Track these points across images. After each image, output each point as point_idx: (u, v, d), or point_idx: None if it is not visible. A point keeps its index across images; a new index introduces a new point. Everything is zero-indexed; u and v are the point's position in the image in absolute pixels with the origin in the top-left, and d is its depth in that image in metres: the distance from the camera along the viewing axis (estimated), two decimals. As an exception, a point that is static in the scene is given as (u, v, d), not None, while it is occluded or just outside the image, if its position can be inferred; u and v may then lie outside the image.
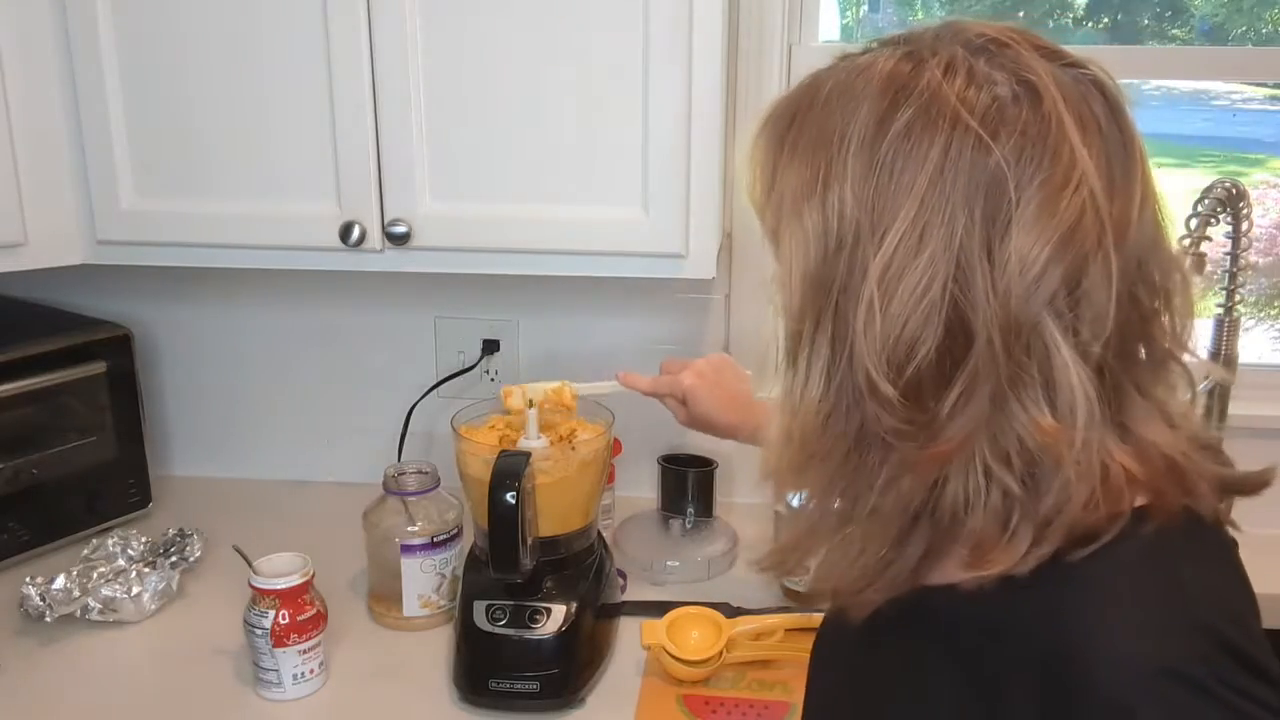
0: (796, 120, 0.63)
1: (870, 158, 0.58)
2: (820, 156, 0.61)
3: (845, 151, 0.59)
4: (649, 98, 1.19)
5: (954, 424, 0.58)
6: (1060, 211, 0.56)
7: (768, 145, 0.65)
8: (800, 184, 0.61)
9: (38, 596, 1.25)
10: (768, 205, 0.66)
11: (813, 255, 0.61)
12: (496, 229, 1.25)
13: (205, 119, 1.26)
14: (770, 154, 0.65)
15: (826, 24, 1.51)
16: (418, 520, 1.27)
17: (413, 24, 1.19)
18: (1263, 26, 1.58)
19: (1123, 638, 0.57)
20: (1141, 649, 0.56)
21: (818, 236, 0.60)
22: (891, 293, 0.57)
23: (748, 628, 1.22)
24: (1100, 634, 0.57)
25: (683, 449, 1.55)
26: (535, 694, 1.13)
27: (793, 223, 0.62)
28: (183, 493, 1.64)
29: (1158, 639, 0.57)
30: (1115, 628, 0.57)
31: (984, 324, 0.56)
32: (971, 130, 0.57)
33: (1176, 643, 0.56)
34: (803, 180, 0.61)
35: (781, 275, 0.64)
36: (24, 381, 1.39)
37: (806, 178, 0.61)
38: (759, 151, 0.66)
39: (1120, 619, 0.58)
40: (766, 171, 0.65)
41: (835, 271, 0.60)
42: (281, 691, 1.15)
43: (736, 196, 1.50)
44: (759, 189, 0.66)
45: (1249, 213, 1.39)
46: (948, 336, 0.57)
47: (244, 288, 1.63)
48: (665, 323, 1.58)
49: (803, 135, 0.62)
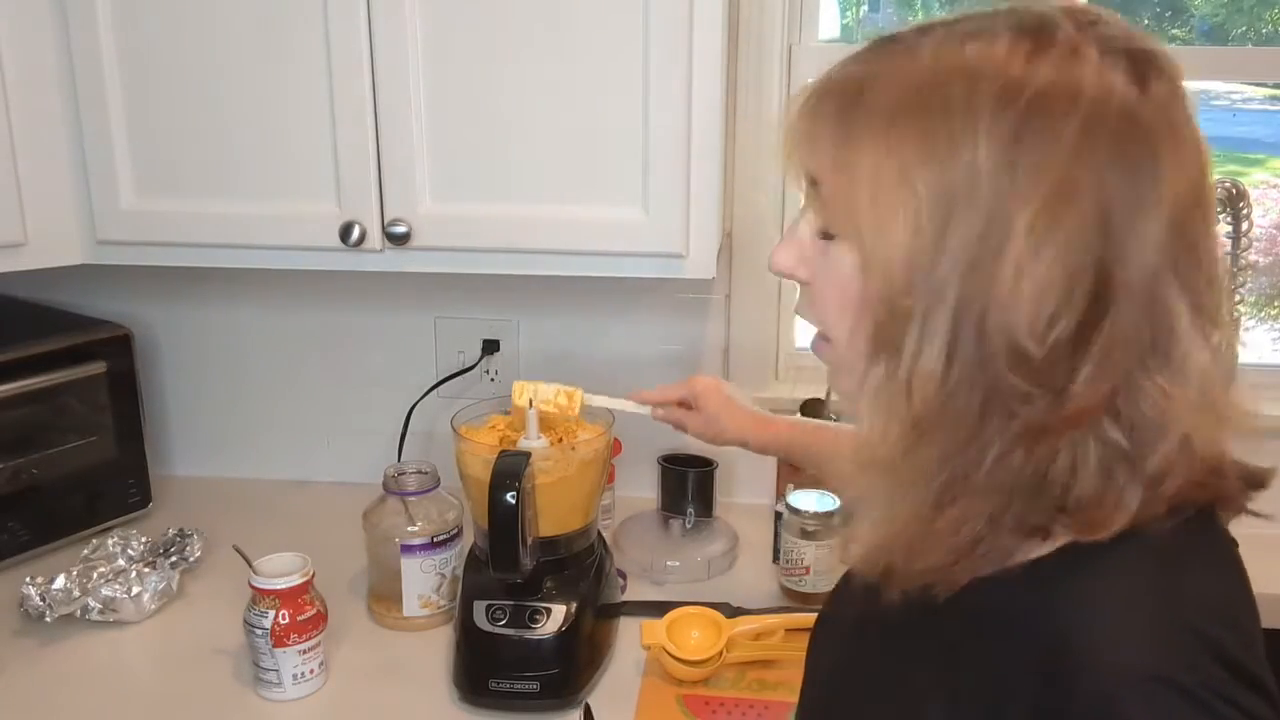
0: (883, 87, 0.61)
1: (1009, 126, 0.57)
2: (939, 124, 0.58)
3: (974, 119, 0.57)
4: (649, 98, 1.19)
5: (1087, 391, 0.57)
6: (1180, 181, 0.57)
7: (838, 108, 0.62)
8: (913, 152, 0.58)
9: (38, 596, 1.25)
10: (839, 180, 0.62)
11: (929, 226, 0.58)
12: (496, 229, 1.25)
13: (205, 119, 1.26)
14: (844, 126, 0.61)
15: (826, 24, 1.51)
16: (418, 520, 1.27)
17: (413, 24, 1.19)
18: (1263, 26, 1.58)
19: (1117, 641, 0.57)
20: (1134, 653, 0.56)
21: (940, 204, 0.58)
22: (1040, 257, 0.56)
23: (748, 628, 1.22)
24: (1096, 634, 0.57)
25: (683, 449, 1.55)
26: (535, 694, 1.13)
27: (899, 193, 0.59)
28: (183, 493, 1.65)
29: (1151, 644, 0.57)
30: (1110, 630, 0.57)
31: (1124, 290, 0.57)
32: (1113, 101, 0.57)
33: (1169, 649, 0.56)
34: (915, 149, 0.58)
35: (874, 252, 0.60)
36: (24, 381, 1.39)
37: (919, 147, 0.58)
38: (825, 125, 0.62)
39: (1117, 621, 0.58)
40: (839, 145, 0.61)
41: (962, 240, 0.57)
42: (281, 691, 1.15)
43: (736, 196, 1.50)
44: (827, 163, 0.63)
45: (1249, 213, 1.39)
46: (1091, 302, 0.57)
47: (244, 288, 1.63)
48: (665, 323, 1.58)
49: (909, 106, 0.60)
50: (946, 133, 0.57)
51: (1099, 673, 0.56)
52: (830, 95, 0.63)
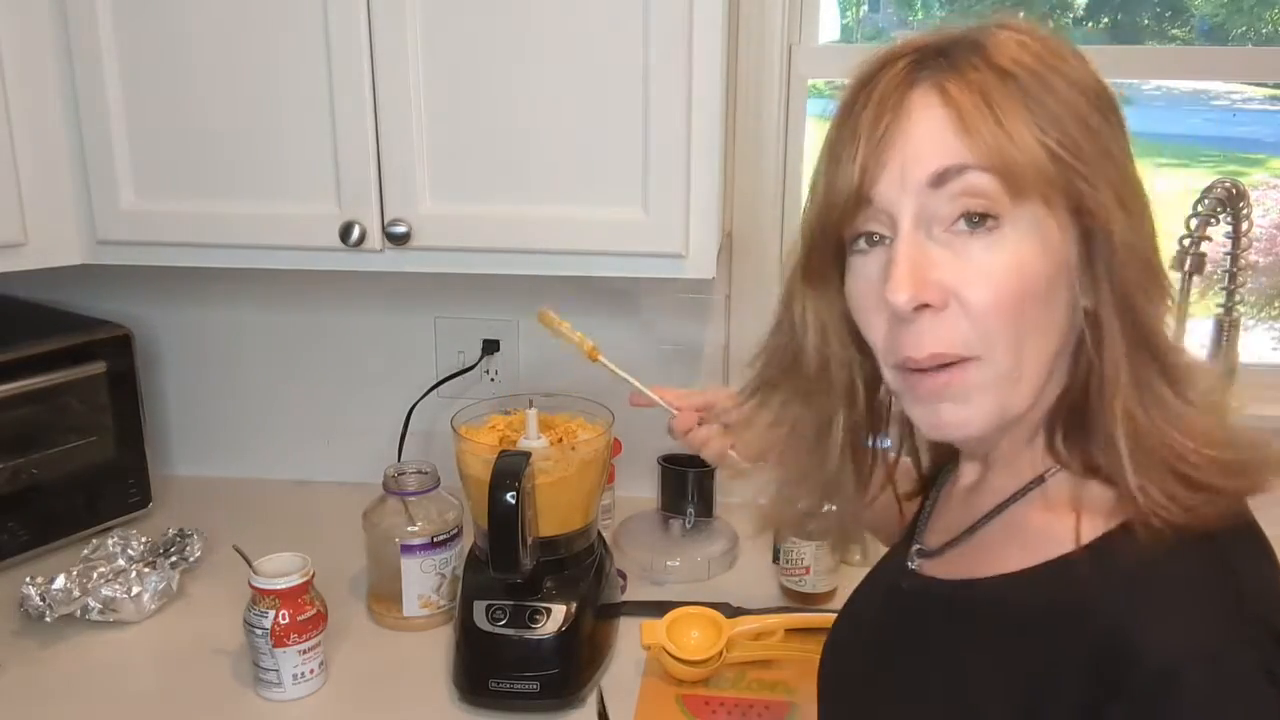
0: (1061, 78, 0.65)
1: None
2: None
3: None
4: (649, 98, 1.19)
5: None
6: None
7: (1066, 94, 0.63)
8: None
9: (38, 596, 1.25)
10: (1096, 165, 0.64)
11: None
12: (496, 229, 1.25)
13: (205, 119, 1.26)
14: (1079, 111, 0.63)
15: (826, 24, 1.51)
16: (418, 520, 1.27)
17: (413, 24, 1.19)
18: (1263, 26, 1.58)
19: (1175, 622, 0.57)
20: (1193, 631, 0.57)
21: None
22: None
23: (748, 628, 1.22)
24: (1153, 619, 0.58)
25: (683, 449, 1.55)
26: (535, 694, 1.13)
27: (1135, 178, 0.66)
28: (183, 493, 1.65)
29: (1211, 624, 0.57)
30: (1168, 613, 0.58)
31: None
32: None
33: (1229, 629, 0.57)
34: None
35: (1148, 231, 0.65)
36: (24, 381, 1.39)
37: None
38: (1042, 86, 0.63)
39: (1173, 607, 0.58)
40: (1078, 124, 0.63)
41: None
42: (281, 691, 1.15)
43: (736, 196, 1.50)
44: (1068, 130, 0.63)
45: (1249, 213, 1.39)
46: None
47: (244, 288, 1.63)
48: (665, 323, 1.58)
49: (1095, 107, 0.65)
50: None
51: (1158, 648, 0.56)
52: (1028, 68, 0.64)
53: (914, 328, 0.64)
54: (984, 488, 0.75)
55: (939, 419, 0.66)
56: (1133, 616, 0.58)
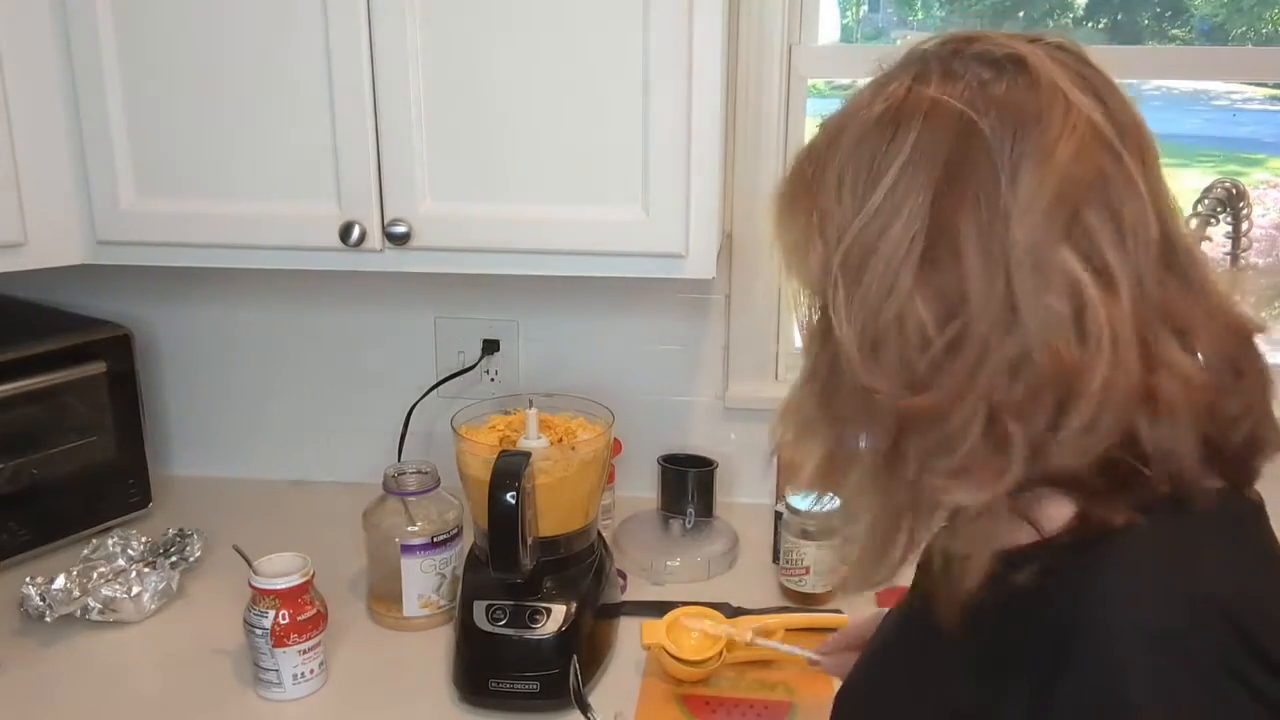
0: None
1: (856, 168, 0.63)
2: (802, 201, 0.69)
3: (840, 178, 0.65)
4: (649, 98, 1.19)
5: (946, 371, 0.60)
6: (1060, 153, 0.59)
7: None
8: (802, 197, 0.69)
9: (38, 596, 1.25)
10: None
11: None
12: (496, 229, 1.25)
13: (205, 119, 1.26)
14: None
15: (826, 24, 1.51)
16: (418, 520, 1.27)
17: (413, 24, 1.19)
18: (1263, 26, 1.58)
19: (1125, 605, 0.58)
20: (1140, 615, 0.57)
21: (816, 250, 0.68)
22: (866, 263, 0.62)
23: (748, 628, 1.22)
24: (1107, 602, 0.58)
25: (683, 449, 1.55)
26: (535, 694, 1.13)
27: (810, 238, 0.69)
28: (183, 493, 1.65)
29: (1159, 608, 0.57)
30: (1121, 596, 0.58)
31: (981, 270, 0.59)
32: (951, 112, 0.60)
33: (1178, 614, 0.57)
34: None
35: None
36: (24, 381, 1.39)
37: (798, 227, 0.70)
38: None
39: (1127, 589, 0.59)
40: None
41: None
42: (281, 691, 1.15)
43: (736, 196, 1.50)
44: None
45: (1249, 213, 1.39)
46: (935, 295, 0.60)
47: (244, 288, 1.63)
48: (665, 323, 1.58)
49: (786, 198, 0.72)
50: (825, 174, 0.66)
51: (1104, 633, 0.56)
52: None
53: None
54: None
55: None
56: (1087, 597, 0.59)
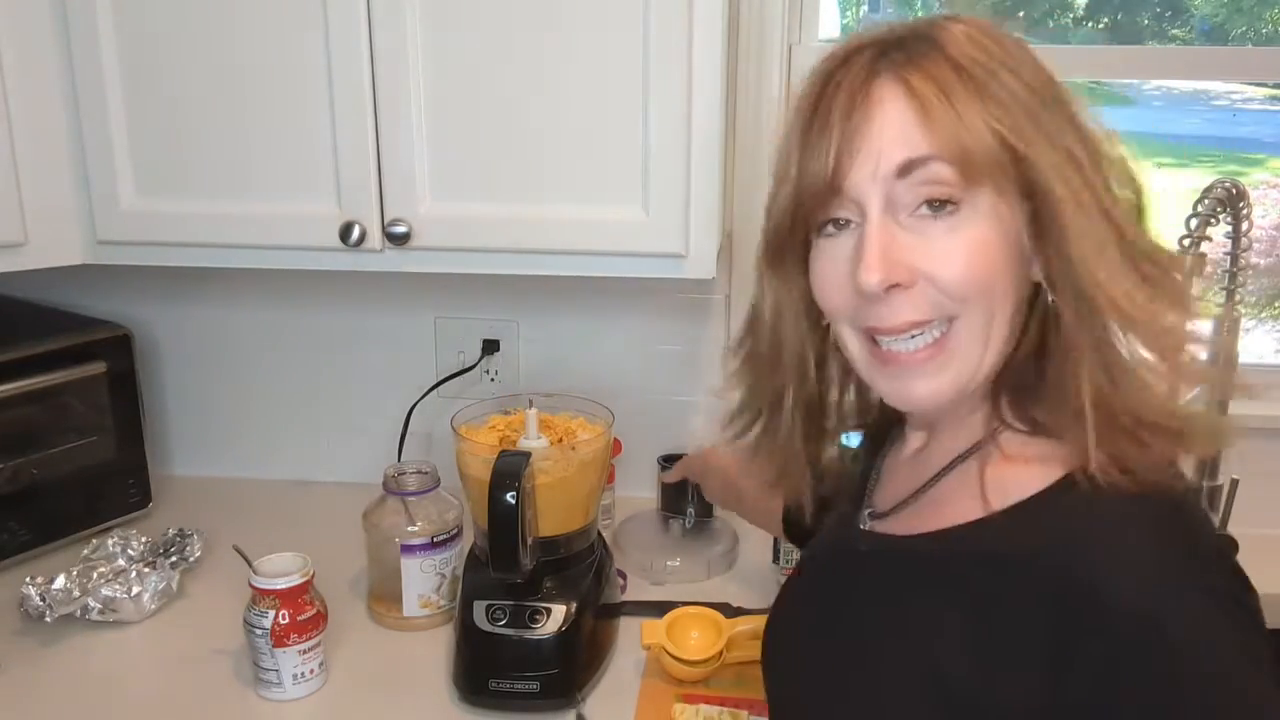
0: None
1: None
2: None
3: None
4: (649, 98, 1.19)
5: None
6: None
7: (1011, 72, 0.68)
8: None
9: (38, 596, 1.25)
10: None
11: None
12: (496, 229, 1.25)
13: (205, 119, 1.26)
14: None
15: (826, 24, 1.51)
16: (418, 520, 1.27)
17: (413, 24, 1.19)
18: (1263, 26, 1.58)
19: (1142, 557, 0.61)
20: (1163, 565, 0.60)
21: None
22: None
23: (748, 628, 1.22)
24: (1118, 556, 0.61)
25: (683, 449, 1.55)
26: (535, 694, 1.13)
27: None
28: (183, 493, 1.65)
29: (1178, 559, 0.61)
30: (1134, 549, 0.61)
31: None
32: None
33: (1197, 563, 0.61)
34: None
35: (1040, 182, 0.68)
36: (24, 381, 1.39)
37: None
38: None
39: (1138, 542, 0.62)
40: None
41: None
42: (281, 691, 1.15)
43: (736, 196, 1.50)
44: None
45: (1249, 213, 1.38)
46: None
47: (244, 288, 1.63)
48: (665, 323, 1.58)
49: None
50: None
51: (1127, 585, 0.59)
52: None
53: (886, 304, 0.68)
54: (931, 451, 0.79)
55: (910, 393, 0.71)
56: (1097, 558, 0.61)
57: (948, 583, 0.69)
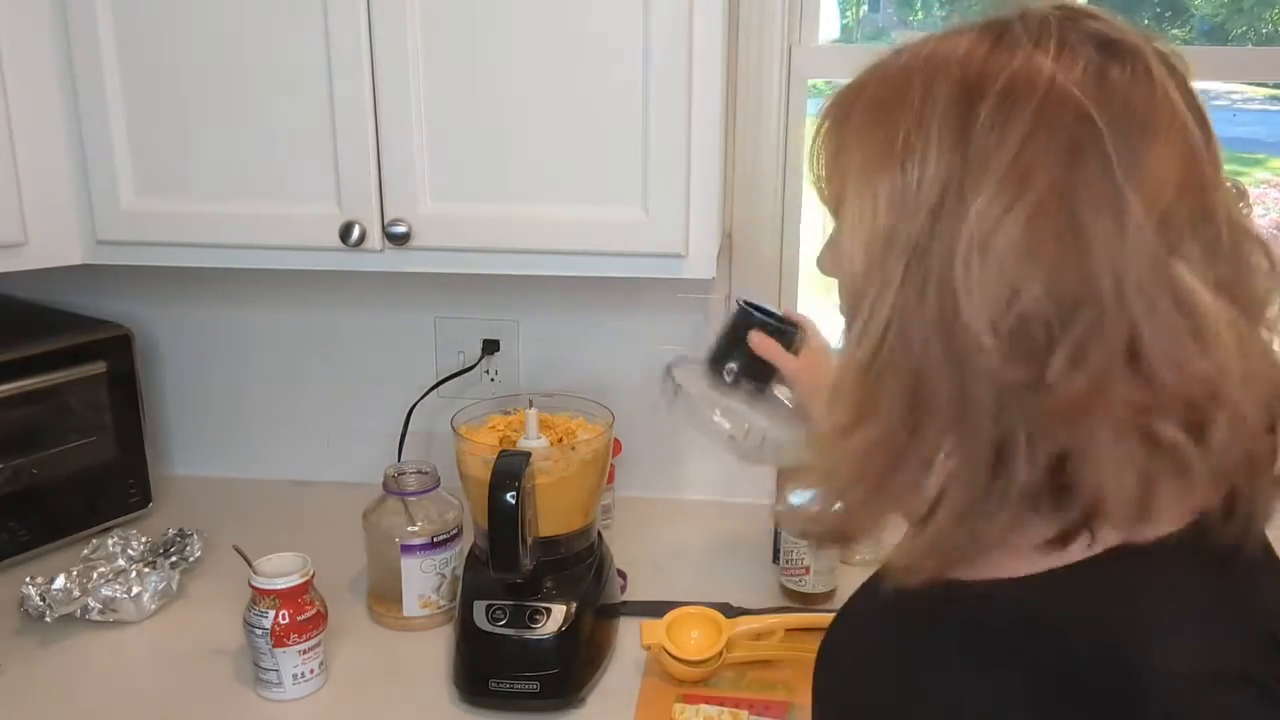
0: (865, 95, 0.64)
1: (960, 124, 0.57)
2: (899, 123, 0.59)
3: (929, 119, 0.58)
4: (649, 98, 1.19)
5: (1064, 383, 0.56)
6: (1169, 156, 0.58)
7: (833, 122, 0.66)
8: (874, 151, 0.61)
9: (38, 596, 1.25)
10: (832, 176, 0.66)
11: (884, 220, 0.60)
12: (496, 229, 1.25)
13: (205, 119, 1.26)
14: (836, 128, 0.66)
15: (826, 24, 1.51)
16: (418, 520, 1.27)
17: (413, 24, 1.19)
18: (1263, 26, 1.58)
19: (1178, 643, 0.56)
20: (1198, 655, 0.55)
21: (894, 198, 0.60)
22: (990, 248, 0.56)
23: (748, 628, 1.22)
24: (1154, 639, 0.56)
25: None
26: (535, 694, 1.13)
27: (864, 191, 0.61)
28: (183, 493, 1.65)
29: (1215, 644, 0.56)
30: (1169, 632, 0.56)
31: (1103, 272, 0.55)
32: (1070, 97, 0.56)
33: (1235, 647, 0.56)
34: (877, 146, 0.61)
35: (842, 243, 0.64)
36: (24, 381, 1.39)
37: (881, 144, 0.60)
38: (824, 126, 0.67)
39: (1174, 623, 0.57)
40: (831, 144, 0.66)
41: (912, 234, 0.59)
42: (281, 691, 1.15)
43: (736, 196, 1.50)
44: (822, 160, 0.67)
45: (1249, 213, 1.38)
46: (1052, 286, 0.56)
47: (244, 288, 1.63)
48: (665, 323, 1.58)
49: (875, 107, 0.62)
50: (906, 135, 0.59)
51: (1163, 679, 0.55)
52: (837, 99, 0.66)
53: None
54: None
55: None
56: (1140, 629, 0.57)
57: (977, 639, 0.65)
